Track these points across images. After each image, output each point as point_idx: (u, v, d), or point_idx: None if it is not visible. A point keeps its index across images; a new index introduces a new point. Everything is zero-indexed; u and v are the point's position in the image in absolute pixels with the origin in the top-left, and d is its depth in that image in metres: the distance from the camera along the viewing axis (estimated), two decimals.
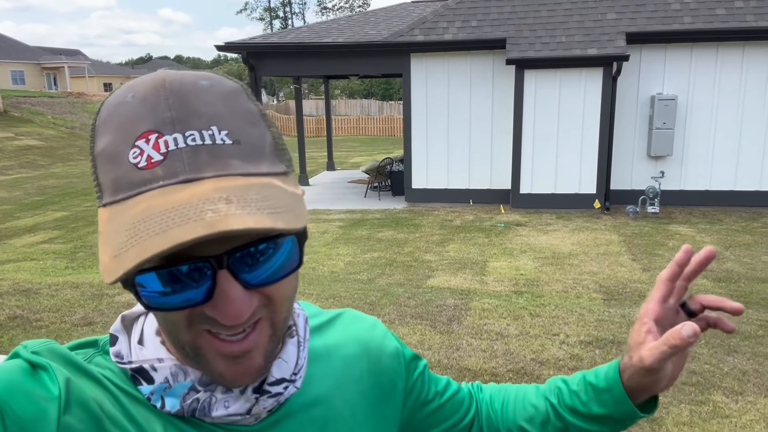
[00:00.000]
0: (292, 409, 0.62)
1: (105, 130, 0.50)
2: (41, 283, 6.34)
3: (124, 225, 0.46)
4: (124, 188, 0.48)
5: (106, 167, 0.49)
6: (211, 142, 0.48)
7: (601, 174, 9.49)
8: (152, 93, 0.49)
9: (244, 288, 0.49)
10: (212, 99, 0.50)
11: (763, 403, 3.57)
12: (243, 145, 0.50)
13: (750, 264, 6.50)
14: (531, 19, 9.83)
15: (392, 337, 0.77)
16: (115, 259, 0.44)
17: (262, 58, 10.74)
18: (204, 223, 0.43)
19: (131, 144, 0.48)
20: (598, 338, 4.54)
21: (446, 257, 7.07)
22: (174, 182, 0.47)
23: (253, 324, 0.52)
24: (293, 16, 58.69)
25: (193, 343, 0.51)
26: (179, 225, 0.43)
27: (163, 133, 0.48)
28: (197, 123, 0.49)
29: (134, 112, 0.49)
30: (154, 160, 0.47)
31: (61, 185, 14.53)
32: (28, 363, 0.51)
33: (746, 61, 9.24)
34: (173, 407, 0.55)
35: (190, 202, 0.45)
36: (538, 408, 0.80)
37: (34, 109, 27.52)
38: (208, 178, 0.47)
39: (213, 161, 0.48)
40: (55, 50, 48.88)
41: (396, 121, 30.87)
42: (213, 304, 0.49)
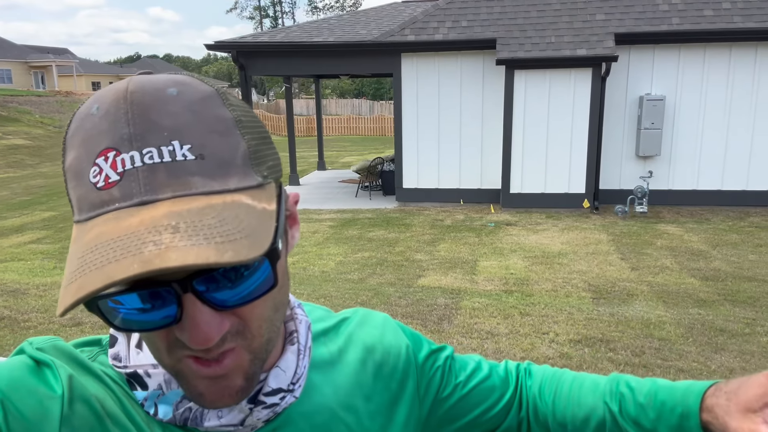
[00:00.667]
0: (291, 417, 0.60)
1: (72, 144, 0.48)
2: (29, 283, 6.29)
3: (78, 252, 0.44)
4: (84, 209, 0.46)
5: (72, 183, 0.47)
6: (171, 159, 0.45)
7: (590, 174, 9.56)
8: (113, 105, 0.46)
9: (214, 310, 0.46)
10: (178, 109, 0.46)
11: None
12: (208, 159, 0.46)
13: (737, 263, 6.57)
14: (521, 19, 9.87)
15: (404, 335, 0.73)
16: (65, 290, 0.42)
17: (252, 58, 10.71)
18: (141, 258, 0.40)
19: (92, 162, 0.46)
20: (588, 337, 4.57)
21: (437, 257, 7.09)
22: (128, 205, 0.44)
23: (226, 351, 0.49)
24: (283, 15, 58.55)
25: (174, 367, 0.50)
26: (117, 260, 0.40)
27: (120, 151, 0.45)
28: (156, 139, 0.45)
29: (97, 126, 0.46)
30: (111, 180, 0.45)
31: (49, 185, 14.41)
32: (33, 360, 0.51)
33: (733, 62, 9.33)
34: (166, 415, 0.54)
35: (137, 231, 0.42)
36: (595, 410, 0.74)
37: (22, 108, 27.27)
38: (164, 200, 0.44)
39: (171, 181, 0.45)
40: (42, 48, 48.46)
41: (387, 120, 30.88)
42: (181, 327, 0.46)
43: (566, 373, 0.81)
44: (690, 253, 7.02)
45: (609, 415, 0.73)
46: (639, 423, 0.69)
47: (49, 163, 19.51)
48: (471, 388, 0.76)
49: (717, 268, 6.39)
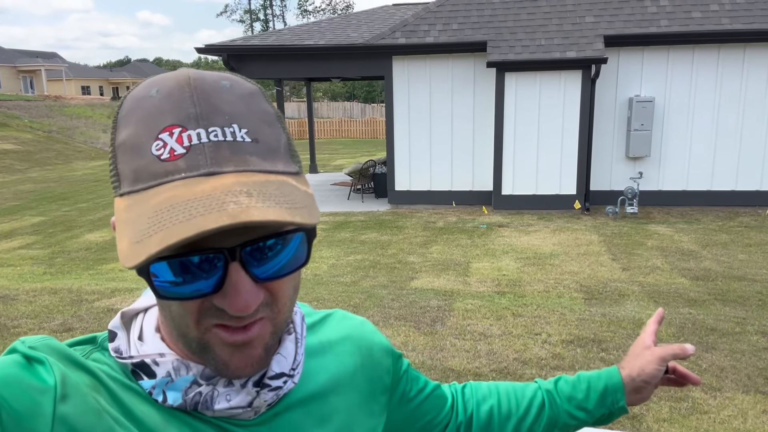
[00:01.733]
0: (290, 404, 0.63)
1: (127, 122, 0.52)
2: (18, 289, 6.24)
3: (146, 213, 0.47)
4: (144, 178, 0.49)
5: (127, 157, 0.51)
6: (232, 138, 0.50)
7: (581, 175, 9.61)
8: (177, 89, 0.51)
9: (252, 281, 0.51)
10: (233, 98, 0.52)
11: (740, 399, 3.63)
12: (261, 143, 0.52)
13: (727, 262, 6.62)
14: (511, 22, 9.92)
15: (381, 335, 0.79)
16: (137, 245, 0.45)
17: (243, 61, 10.69)
18: (227, 213, 0.44)
19: (154, 136, 0.50)
20: (580, 337, 4.59)
21: (429, 259, 7.10)
22: (196, 174, 0.48)
23: (255, 320, 0.53)
24: (274, 18, 58.49)
25: (200, 338, 0.53)
26: (203, 214, 0.45)
27: (186, 128, 0.50)
28: (219, 120, 0.51)
29: (158, 106, 0.51)
30: (176, 152, 0.49)
31: (39, 190, 14.30)
32: (25, 357, 0.51)
33: (721, 64, 9.42)
34: (175, 401, 0.56)
35: (213, 194, 0.46)
36: (535, 397, 0.89)
37: (10, 112, 27.05)
38: (228, 173, 0.49)
39: (233, 157, 0.50)
40: (31, 53, 48.11)
41: (378, 123, 30.90)
42: (222, 294, 0.50)
43: (501, 384, 0.94)
44: (680, 253, 7.07)
45: (546, 395, 0.89)
46: (573, 397, 0.88)
47: (39, 168, 19.37)
48: (428, 393, 0.84)
49: (707, 267, 6.43)
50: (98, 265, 7.29)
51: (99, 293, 5.99)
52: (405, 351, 4.42)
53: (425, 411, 0.84)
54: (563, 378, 0.91)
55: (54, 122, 27.26)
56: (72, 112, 30.11)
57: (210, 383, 0.57)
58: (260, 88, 0.56)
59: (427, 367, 4.14)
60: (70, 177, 16.88)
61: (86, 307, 5.59)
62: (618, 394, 0.87)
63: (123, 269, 7.03)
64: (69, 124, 27.52)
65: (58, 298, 5.86)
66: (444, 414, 0.86)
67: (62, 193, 13.66)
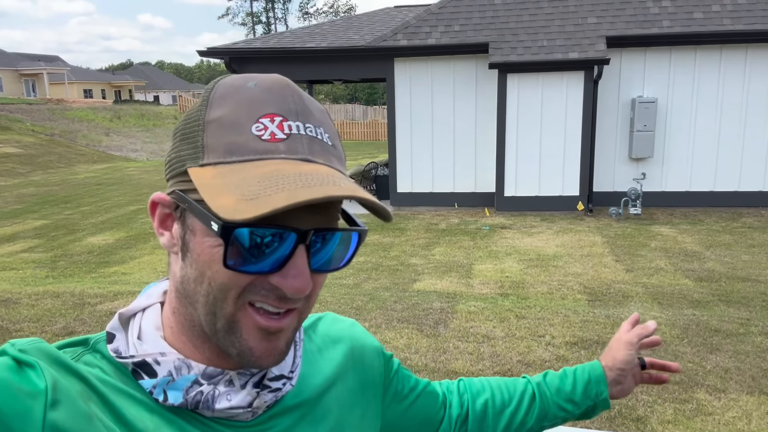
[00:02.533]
0: (286, 407, 0.64)
1: (222, 103, 0.55)
2: (21, 292, 6.24)
3: (254, 178, 0.50)
4: (242, 152, 0.53)
5: (221, 132, 0.54)
6: (321, 138, 0.56)
7: (584, 176, 9.59)
8: (277, 86, 0.56)
9: (309, 268, 0.54)
10: (315, 108, 0.58)
11: (745, 400, 3.62)
12: (337, 150, 0.58)
13: (731, 263, 6.59)
14: (513, 23, 9.92)
15: (371, 336, 0.81)
16: (254, 201, 0.48)
17: (245, 64, 10.70)
18: (343, 188, 0.50)
19: (255, 119, 0.54)
20: (584, 339, 4.58)
21: (432, 260, 7.09)
22: (294, 158, 0.53)
23: (288, 310, 0.56)
24: (276, 21, 58.60)
25: (232, 316, 0.54)
26: (322, 184, 0.49)
27: (287, 118, 0.55)
28: (313, 120, 0.57)
29: (259, 96, 0.55)
30: (277, 136, 0.54)
31: (41, 193, 14.32)
32: (15, 361, 0.51)
33: (724, 64, 9.40)
34: (176, 400, 0.56)
35: (319, 173, 0.52)
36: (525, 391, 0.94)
37: (12, 116, 27.12)
38: (320, 164, 0.54)
39: (323, 153, 0.56)
40: (33, 56, 48.27)
41: (380, 125, 30.92)
42: (284, 274, 0.53)
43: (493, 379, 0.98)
44: (684, 254, 7.05)
45: (537, 388, 0.94)
46: (561, 389, 0.93)
47: (41, 171, 19.41)
48: (420, 391, 0.87)
49: (711, 268, 6.41)
50: (101, 268, 7.29)
51: (101, 296, 5.99)
52: (408, 353, 4.41)
53: (419, 408, 0.86)
54: (550, 372, 0.97)
55: (56, 125, 27.32)
56: (74, 115, 30.17)
57: (211, 383, 0.57)
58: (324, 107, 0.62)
59: (430, 370, 4.12)
60: (72, 180, 16.91)
61: (89, 310, 5.58)
62: (601, 385, 0.93)
63: (126, 272, 7.03)
64: (71, 128, 27.58)
65: (61, 302, 5.86)
66: (437, 410, 0.88)
67: (65, 196, 13.68)
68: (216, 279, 0.53)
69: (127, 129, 30.17)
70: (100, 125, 29.49)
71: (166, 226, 0.58)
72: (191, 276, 0.55)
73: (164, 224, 0.58)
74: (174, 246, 0.57)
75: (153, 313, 0.61)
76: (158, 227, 0.58)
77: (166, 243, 0.58)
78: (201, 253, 0.54)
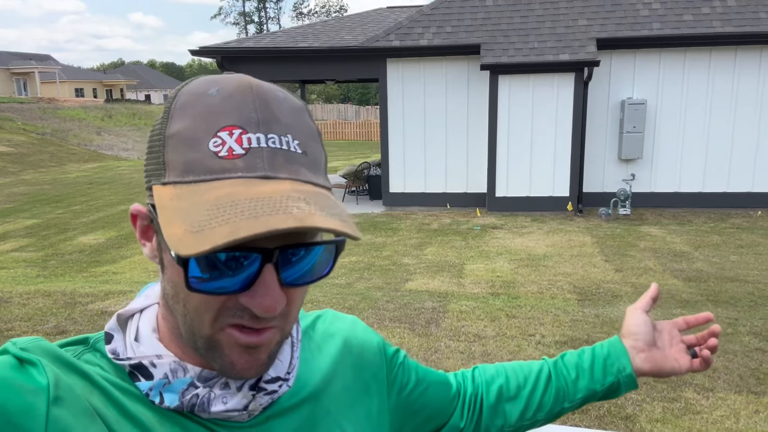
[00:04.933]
0: (282, 407, 0.64)
1: (182, 115, 0.53)
2: (12, 291, 6.21)
3: (204, 205, 0.48)
4: (198, 171, 0.50)
5: (179, 149, 0.52)
6: (287, 148, 0.52)
7: (574, 177, 9.65)
8: (239, 92, 0.53)
9: (280, 284, 0.52)
10: (286, 110, 0.54)
11: (732, 399, 3.67)
12: (309, 156, 0.54)
13: (719, 264, 6.66)
14: (504, 25, 9.97)
15: (373, 332, 0.79)
16: (198, 234, 0.46)
17: (237, 63, 10.69)
18: (293, 216, 0.46)
19: (213, 133, 0.51)
20: (573, 338, 4.62)
21: (424, 260, 7.11)
22: (253, 176, 0.50)
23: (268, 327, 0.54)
24: (268, 21, 58.46)
25: (211, 337, 0.53)
26: (269, 214, 0.46)
27: (247, 130, 0.51)
28: (277, 128, 0.52)
29: (219, 105, 0.52)
30: (235, 152, 0.50)
31: (32, 192, 14.23)
32: (17, 359, 0.52)
33: (713, 66, 9.49)
34: (172, 402, 0.56)
35: (273, 197, 0.48)
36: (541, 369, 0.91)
37: (4, 115, 26.91)
38: (283, 179, 0.51)
39: (287, 165, 0.52)
40: (24, 55, 47.88)
41: (373, 125, 30.92)
42: (252, 293, 0.51)
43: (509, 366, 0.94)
44: (672, 254, 7.11)
45: (553, 367, 0.90)
46: (579, 365, 0.89)
47: (32, 170, 19.28)
48: (430, 382, 0.84)
49: (699, 269, 6.48)
50: (92, 267, 7.26)
51: (93, 296, 5.97)
52: None
53: (428, 399, 0.83)
54: (569, 352, 0.93)
55: (47, 124, 27.14)
56: (65, 114, 29.98)
57: (207, 385, 0.57)
58: (305, 105, 0.58)
59: None
60: (63, 179, 16.81)
61: (80, 309, 5.57)
62: (623, 359, 0.88)
63: (117, 271, 7.01)
64: (62, 127, 27.41)
65: (52, 301, 5.84)
66: (449, 401, 0.86)
67: (56, 195, 13.61)
68: (189, 302, 0.53)
69: (119, 128, 30.01)
70: (92, 124, 29.32)
71: (147, 236, 0.57)
72: (170, 293, 0.55)
73: (146, 235, 0.58)
74: (155, 257, 0.57)
75: (150, 314, 0.61)
76: (140, 238, 0.58)
77: (148, 254, 0.58)
78: (172, 273, 0.53)
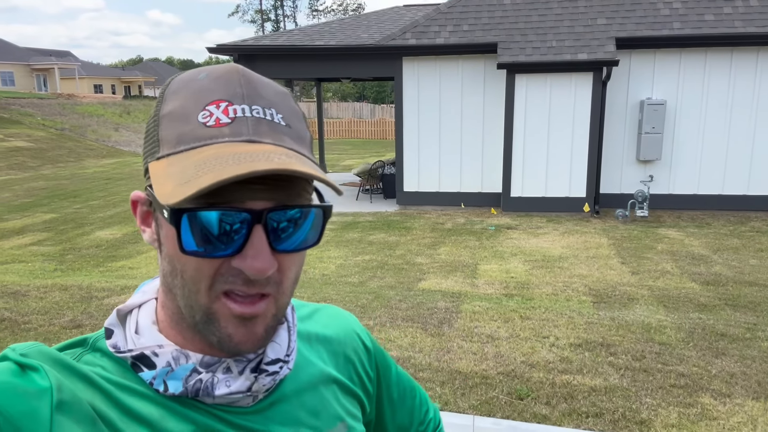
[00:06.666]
0: (284, 393, 0.66)
1: (174, 97, 0.57)
2: (29, 285, 6.29)
3: (193, 164, 0.51)
4: (188, 140, 0.54)
5: (171, 125, 0.55)
6: (270, 119, 0.56)
7: (591, 178, 9.56)
8: (225, 74, 0.57)
9: (271, 249, 0.54)
10: (271, 91, 0.58)
11: (750, 406, 3.60)
12: (293, 129, 0.58)
13: (738, 267, 6.56)
14: (522, 23, 9.89)
15: (366, 331, 0.82)
16: (185, 185, 0.49)
17: (253, 61, 10.73)
18: (274, 162, 0.50)
19: (201, 107, 0.55)
20: (588, 341, 4.57)
21: (437, 260, 7.09)
22: (238, 140, 0.53)
23: (261, 295, 0.56)
24: (285, 18, 58.65)
25: (208, 308, 0.55)
26: (252, 161, 0.49)
27: (233, 102, 0.55)
28: (262, 102, 0.56)
29: (207, 86, 0.56)
30: (222, 121, 0.54)
31: (51, 187, 14.42)
32: (18, 365, 0.52)
33: (734, 67, 9.34)
34: (176, 389, 0.58)
35: (257, 152, 0.52)
36: None
37: (24, 110, 27.32)
38: (267, 143, 0.54)
39: (271, 133, 0.55)
40: (45, 51, 48.54)
41: (388, 124, 30.90)
42: (243, 255, 0.53)
43: None
44: (691, 257, 7.01)
45: None
46: None
47: (51, 165, 19.54)
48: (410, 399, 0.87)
49: (718, 272, 6.38)
50: (108, 262, 7.34)
51: (109, 290, 6.03)
52: (412, 352, 4.41)
53: (407, 412, 0.86)
54: None
55: (66, 120, 27.49)
56: (84, 110, 30.34)
57: (209, 370, 0.59)
58: (290, 91, 0.62)
59: (434, 369, 4.13)
60: (81, 174, 17.01)
61: (96, 304, 5.63)
62: None
63: (133, 267, 7.07)
64: (81, 122, 27.74)
65: (69, 295, 5.90)
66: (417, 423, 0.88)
67: (74, 190, 13.78)
68: (186, 270, 0.54)
69: (137, 124, 30.31)
70: (110, 120, 29.64)
71: (147, 222, 0.60)
72: (167, 270, 0.57)
73: (145, 221, 0.60)
74: (154, 241, 0.59)
75: (149, 308, 0.63)
76: (140, 224, 0.60)
77: (148, 239, 0.60)
78: (168, 246, 0.55)
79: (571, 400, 3.67)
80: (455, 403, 3.67)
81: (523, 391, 3.78)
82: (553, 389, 3.81)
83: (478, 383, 3.91)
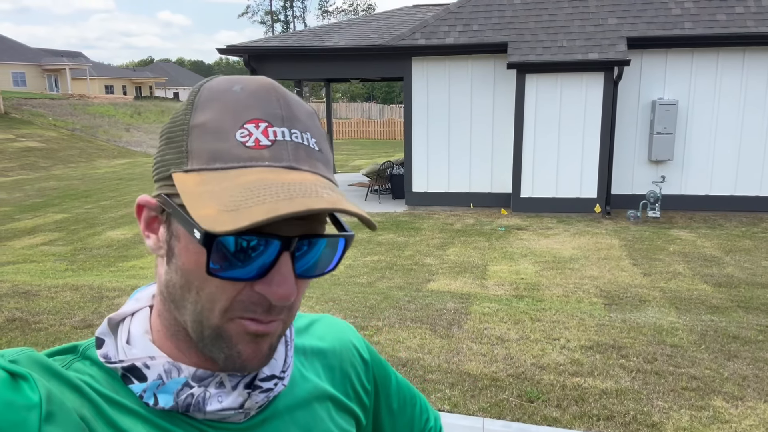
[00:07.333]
0: (278, 410, 0.64)
1: (206, 107, 0.55)
2: (41, 285, 6.34)
3: (236, 188, 0.50)
4: (226, 159, 0.52)
5: (205, 138, 0.54)
6: (307, 143, 0.55)
7: (602, 178, 9.50)
8: (263, 90, 0.56)
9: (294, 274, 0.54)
10: (303, 111, 0.58)
11: (762, 409, 3.56)
12: (323, 154, 0.57)
13: (750, 269, 6.49)
14: (532, 23, 9.85)
15: (364, 341, 0.81)
16: (234, 213, 0.47)
17: (263, 61, 10.76)
18: (325, 200, 0.49)
19: (239, 125, 0.53)
20: (599, 343, 4.53)
21: (446, 261, 7.07)
22: (279, 166, 0.52)
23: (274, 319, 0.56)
24: (294, 19, 58.80)
25: (219, 327, 0.54)
26: (303, 196, 0.49)
27: (272, 124, 0.54)
28: (299, 125, 0.56)
29: (244, 100, 0.55)
30: (262, 143, 0.53)
31: (62, 187, 14.54)
32: (7, 372, 0.50)
33: (747, 67, 9.25)
34: (167, 403, 0.56)
35: (303, 183, 0.51)
36: None
37: (35, 110, 27.56)
38: (305, 171, 0.54)
39: (308, 159, 0.55)
40: (56, 52, 48.94)
41: (397, 124, 30.89)
42: (268, 281, 0.53)
43: None
44: (703, 258, 6.95)
45: None
46: None
47: (62, 165, 19.70)
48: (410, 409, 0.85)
49: (730, 274, 6.32)
50: (119, 262, 7.38)
51: (119, 290, 6.06)
52: (421, 354, 4.40)
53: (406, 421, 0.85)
54: None
55: (78, 121, 27.71)
56: (95, 110, 30.57)
57: (202, 385, 0.57)
58: (314, 110, 0.61)
59: (443, 371, 4.12)
60: (92, 175, 17.14)
61: (107, 303, 5.66)
62: None
63: (144, 266, 7.11)
64: (92, 123, 27.95)
65: (80, 295, 5.94)
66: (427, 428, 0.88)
67: (85, 190, 13.88)
68: (204, 289, 0.53)
69: (148, 125, 30.49)
70: (121, 121, 29.84)
71: (153, 228, 0.58)
72: (177, 282, 0.55)
73: (150, 227, 0.58)
74: (160, 249, 0.57)
75: (142, 317, 0.61)
76: (144, 230, 0.59)
77: (152, 246, 0.58)
78: (186, 260, 0.54)
79: (582, 403, 3.65)
80: (465, 405, 3.65)
81: (533, 394, 3.76)
82: (563, 392, 3.79)
83: (488, 385, 3.89)
